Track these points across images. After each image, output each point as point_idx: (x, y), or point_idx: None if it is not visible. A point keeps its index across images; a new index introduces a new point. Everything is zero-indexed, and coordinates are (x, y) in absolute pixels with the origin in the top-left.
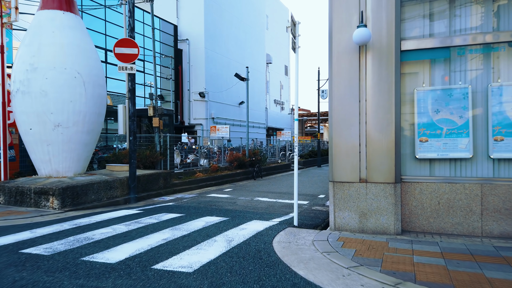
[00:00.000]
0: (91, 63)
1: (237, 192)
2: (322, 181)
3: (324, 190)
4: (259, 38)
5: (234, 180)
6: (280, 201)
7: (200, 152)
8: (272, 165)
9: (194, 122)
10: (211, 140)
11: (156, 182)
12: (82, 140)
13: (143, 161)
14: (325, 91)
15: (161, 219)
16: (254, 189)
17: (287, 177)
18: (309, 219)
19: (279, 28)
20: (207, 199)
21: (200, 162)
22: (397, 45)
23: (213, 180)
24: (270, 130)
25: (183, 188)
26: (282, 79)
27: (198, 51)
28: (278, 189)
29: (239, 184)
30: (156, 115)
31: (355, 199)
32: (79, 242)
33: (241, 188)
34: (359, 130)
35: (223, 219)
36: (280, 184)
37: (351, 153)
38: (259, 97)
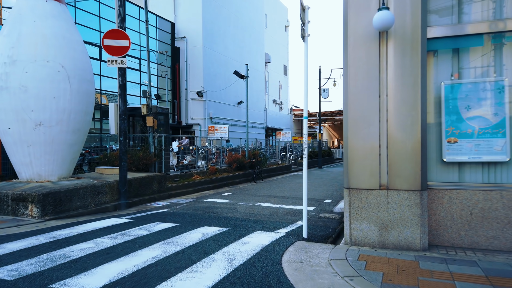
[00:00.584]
0: (77, 55)
1: (237, 196)
2: (325, 183)
3: (329, 194)
4: (258, 37)
5: (234, 182)
6: (284, 207)
7: (198, 153)
8: (272, 167)
9: (191, 122)
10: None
11: (150, 186)
12: (67, 141)
13: (135, 163)
14: (326, 90)
15: (152, 230)
16: (255, 192)
17: (289, 179)
18: (318, 229)
19: (278, 27)
20: (205, 204)
21: (198, 164)
22: (423, 32)
23: (211, 183)
24: (269, 130)
25: (179, 192)
26: (281, 79)
27: (196, 49)
28: (281, 193)
29: (239, 187)
30: (150, 113)
31: (375, 209)
32: (52, 262)
33: (241, 191)
34: (379, 129)
35: (223, 229)
36: (282, 188)
37: (370, 156)
38: (258, 96)
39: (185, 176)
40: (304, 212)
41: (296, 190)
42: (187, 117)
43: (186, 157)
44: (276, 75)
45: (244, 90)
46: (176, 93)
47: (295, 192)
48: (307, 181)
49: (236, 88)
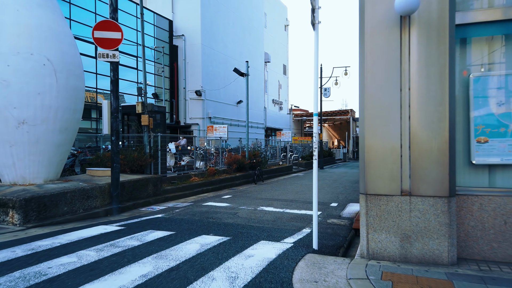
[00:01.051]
0: (64, 48)
1: (237, 199)
2: (329, 185)
3: (335, 197)
4: (257, 36)
5: (233, 184)
6: (288, 212)
7: (196, 153)
8: (273, 168)
9: (190, 121)
10: (208, 141)
11: (144, 189)
12: (54, 141)
13: (130, 164)
14: (328, 89)
15: (144, 240)
16: (256, 195)
17: (291, 181)
18: (328, 237)
19: (278, 27)
20: (203, 208)
21: (196, 165)
22: (451, 17)
23: (210, 185)
24: (269, 130)
25: (176, 195)
26: (281, 78)
27: (194, 48)
28: (283, 195)
29: (239, 189)
30: (145, 112)
31: (396, 217)
32: (24, 282)
33: (242, 194)
34: (400, 127)
35: (223, 239)
36: (284, 190)
37: (390, 157)
38: (258, 96)
39: (182, 178)
40: (314, 222)
41: (299, 193)
42: (185, 117)
43: (184, 158)
44: (275, 75)
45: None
46: (174, 92)
47: (299, 195)
48: (312, 183)
49: (236, 87)
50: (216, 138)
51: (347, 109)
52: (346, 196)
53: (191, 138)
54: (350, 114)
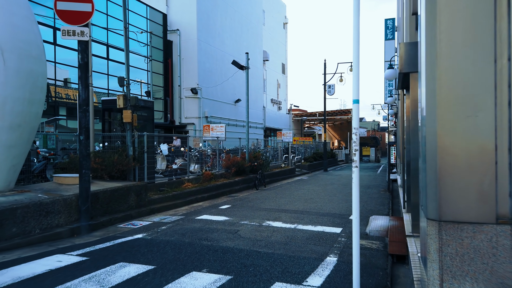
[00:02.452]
0: (16, 22)
1: (237, 210)
2: (340, 191)
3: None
4: (255, 32)
5: (232, 191)
6: (302, 229)
7: (190, 155)
8: (275, 171)
9: (185, 121)
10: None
11: (125, 200)
12: (2, 141)
13: (108, 169)
14: (332, 86)
15: (107, 284)
16: (260, 204)
17: (296, 185)
18: (363, 271)
19: (276, 24)
20: (196, 224)
21: (190, 168)
22: None
23: (206, 191)
24: (268, 130)
25: (165, 206)
26: (279, 77)
27: (190, 43)
28: (291, 204)
29: (239, 196)
30: (128, 107)
31: (488, 258)
32: None
33: (242, 203)
34: (494, 118)
35: (221, 280)
36: (290, 197)
37: (479, 165)
38: (256, 95)
39: (173, 184)
40: (354, 262)
41: (308, 201)
42: (180, 116)
43: (176, 160)
44: (274, 74)
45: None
46: (169, 90)
47: (309, 204)
48: (321, 188)
49: (234, 85)
50: (213, 139)
51: (348, 108)
52: (364, 206)
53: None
54: (351, 114)
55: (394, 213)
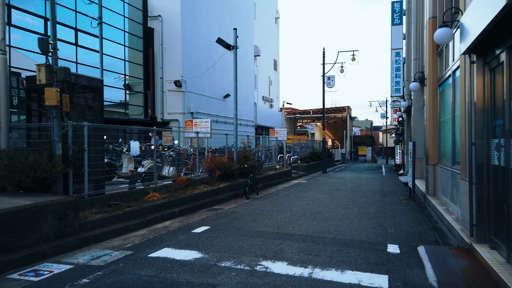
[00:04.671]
0: None
1: (218, 237)
2: (354, 200)
3: (380, 228)
4: (246, 24)
5: (216, 201)
6: (323, 279)
7: (164, 156)
8: (269, 173)
9: (168, 117)
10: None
11: (33, 228)
12: None
13: (16, 177)
14: (332, 77)
15: None
16: (251, 224)
17: (295, 192)
18: None
19: (268, 19)
20: (146, 271)
21: (164, 172)
22: None
23: (178, 204)
24: (259, 129)
25: (109, 232)
26: (271, 74)
27: (173, 31)
28: (295, 223)
29: (224, 210)
30: (53, 83)
31: None
32: None
33: (227, 222)
34: None
35: None
36: (291, 210)
37: None
38: (247, 90)
39: (133, 195)
40: None
41: (317, 217)
42: (162, 112)
43: (144, 162)
44: (265, 70)
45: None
46: (149, 82)
47: (319, 223)
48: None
49: (222, 79)
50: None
51: (343, 106)
52: (396, 225)
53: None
54: (346, 111)
55: (441, 236)
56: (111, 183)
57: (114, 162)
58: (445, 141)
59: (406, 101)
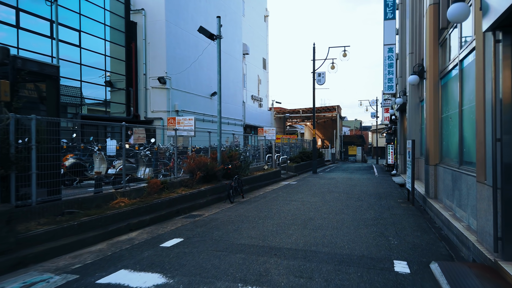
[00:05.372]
0: None
1: (189, 254)
2: (346, 204)
3: (381, 239)
4: (234, 20)
5: (195, 206)
6: None
7: (139, 156)
8: (256, 174)
9: (152, 115)
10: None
11: None
12: None
13: None
14: (323, 74)
15: None
16: (232, 236)
17: (284, 195)
18: None
19: (257, 17)
20: None
21: (139, 173)
22: None
23: (149, 211)
24: (248, 128)
25: (58, 247)
26: (260, 73)
27: (157, 25)
28: (283, 233)
29: (203, 217)
30: None
31: None
32: None
33: (204, 232)
34: None
35: None
36: (280, 216)
37: None
38: (235, 89)
39: (95, 201)
40: None
41: (309, 225)
42: (146, 110)
43: (115, 162)
44: (254, 69)
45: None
46: (132, 79)
47: (311, 232)
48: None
49: (209, 76)
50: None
51: (333, 105)
52: (398, 234)
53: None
54: (336, 111)
55: (451, 247)
56: (79, 186)
57: (84, 162)
58: (449, 138)
59: (401, 98)
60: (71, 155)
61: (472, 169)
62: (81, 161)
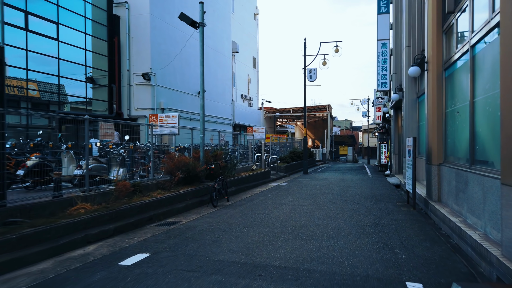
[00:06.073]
0: None
1: (152, 275)
2: (341, 208)
3: (384, 251)
4: (223, 17)
5: (172, 211)
6: None
7: (111, 155)
8: (244, 175)
9: (136, 113)
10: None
11: None
12: None
13: None
14: (314, 70)
15: None
16: (209, 250)
17: (273, 197)
18: None
19: (247, 15)
20: None
21: (111, 175)
22: None
23: (114, 219)
24: (237, 128)
25: None
26: (250, 72)
27: (142, 19)
28: (271, 245)
29: (178, 225)
30: None
31: None
32: None
33: (177, 244)
34: None
35: None
36: (268, 223)
37: None
38: (224, 87)
39: (49, 208)
40: None
41: (300, 234)
42: (130, 107)
43: (82, 162)
44: (244, 68)
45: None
46: (115, 75)
47: (304, 244)
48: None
49: (197, 74)
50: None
51: (323, 104)
52: (405, 246)
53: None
54: (327, 110)
55: (467, 260)
56: (43, 189)
57: (50, 162)
58: (456, 135)
59: (397, 93)
60: (36, 154)
61: (489, 169)
62: (46, 161)
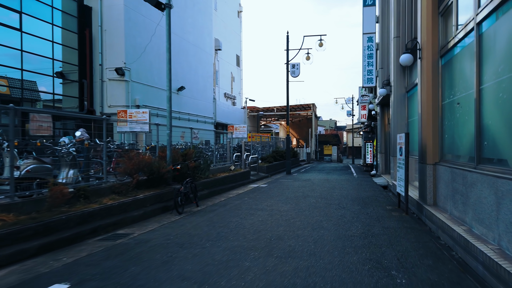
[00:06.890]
0: None
1: None
2: (325, 213)
3: (371, 262)
4: (204, 11)
5: (125, 220)
6: None
7: (60, 154)
8: (220, 176)
9: (109, 110)
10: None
11: None
12: None
13: None
14: (297, 65)
15: None
16: (154, 277)
17: (250, 201)
18: None
19: (230, 12)
20: None
21: (60, 177)
22: None
23: (43, 234)
24: (220, 126)
25: None
26: (234, 70)
27: (115, 10)
28: (237, 268)
29: (129, 238)
30: None
31: None
32: None
33: (115, 268)
34: None
35: None
36: (238, 235)
37: None
38: (205, 84)
39: None
40: None
41: (275, 251)
42: (102, 104)
43: (21, 162)
44: (227, 66)
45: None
46: (86, 70)
47: (280, 265)
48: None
49: (176, 70)
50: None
51: (308, 103)
52: (403, 265)
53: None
54: (312, 109)
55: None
56: None
57: None
58: (456, 130)
59: (384, 88)
60: None
61: (504, 169)
62: None
